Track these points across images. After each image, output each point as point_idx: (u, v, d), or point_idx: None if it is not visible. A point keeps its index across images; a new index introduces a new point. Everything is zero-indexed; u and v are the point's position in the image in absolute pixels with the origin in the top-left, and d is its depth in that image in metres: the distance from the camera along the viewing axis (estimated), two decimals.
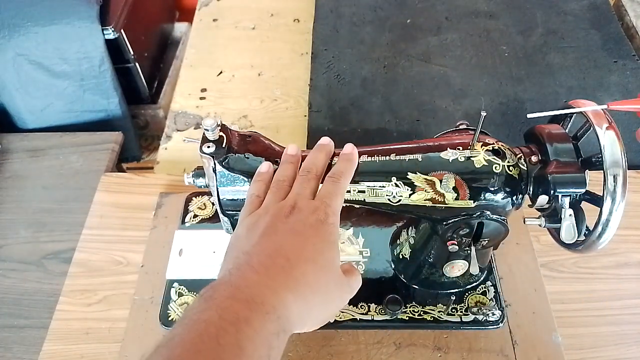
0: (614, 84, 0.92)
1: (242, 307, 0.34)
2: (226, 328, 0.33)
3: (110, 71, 1.02)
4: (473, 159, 0.48)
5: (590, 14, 1.05)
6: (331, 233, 0.43)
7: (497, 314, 0.60)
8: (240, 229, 0.45)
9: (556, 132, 0.50)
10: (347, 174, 0.48)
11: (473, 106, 0.90)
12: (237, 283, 0.37)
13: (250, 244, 0.41)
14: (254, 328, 0.34)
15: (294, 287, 0.38)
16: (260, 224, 0.43)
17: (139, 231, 0.72)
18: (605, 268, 0.69)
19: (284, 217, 0.43)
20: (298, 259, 0.39)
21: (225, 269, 0.40)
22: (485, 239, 0.53)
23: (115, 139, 0.86)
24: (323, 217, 0.43)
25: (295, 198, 0.45)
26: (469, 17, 1.06)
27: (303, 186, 0.46)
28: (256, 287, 0.37)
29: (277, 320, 0.35)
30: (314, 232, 0.42)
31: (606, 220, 0.45)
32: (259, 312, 0.35)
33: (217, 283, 0.38)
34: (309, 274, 0.39)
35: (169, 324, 0.61)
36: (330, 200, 0.44)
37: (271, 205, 0.45)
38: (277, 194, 0.46)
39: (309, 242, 0.41)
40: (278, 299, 0.36)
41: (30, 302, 0.67)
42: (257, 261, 0.39)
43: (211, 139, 0.48)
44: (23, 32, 0.96)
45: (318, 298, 0.40)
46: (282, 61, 1.01)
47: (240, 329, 0.33)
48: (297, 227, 0.42)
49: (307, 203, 0.44)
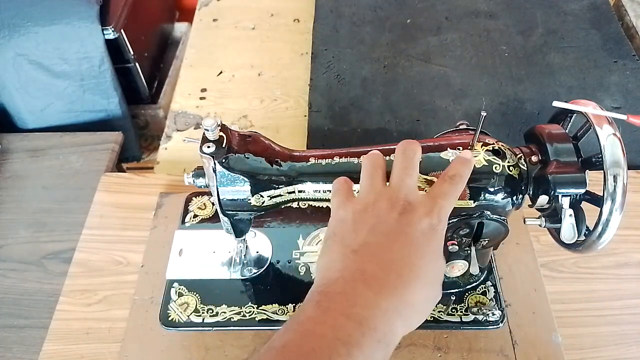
0: (614, 84, 0.92)
1: (355, 329, 0.35)
2: (339, 350, 0.33)
3: (110, 71, 1.03)
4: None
5: (590, 14, 1.05)
6: (440, 243, 0.41)
7: (497, 314, 0.60)
8: (343, 213, 0.42)
9: (556, 132, 0.50)
10: (464, 178, 0.44)
11: (473, 106, 0.90)
12: (352, 298, 0.37)
13: (358, 242, 0.40)
14: (364, 354, 0.34)
15: (404, 313, 0.38)
16: (369, 217, 0.41)
17: (139, 231, 0.72)
18: (605, 268, 0.69)
19: (396, 214, 0.40)
20: (409, 276, 0.38)
21: (332, 266, 0.40)
22: (485, 239, 0.53)
23: (115, 139, 0.86)
24: (436, 222, 0.40)
25: (404, 189, 0.42)
26: (469, 17, 1.06)
27: (407, 172, 0.43)
28: (371, 309, 0.36)
29: (385, 348, 0.36)
30: (425, 242, 0.40)
31: (606, 220, 0.45)
32: (372, 339, 0.35)
33: (330, 289, 0.38)
34: (418, 296, 0.39)
35: (169, 324, 0.61)
36: (444, 202, 0.41)
37: (377, 191, 0.42)
38: (375, 177, 0.43)
39: (420, 255, 0.39)
40: (389, 325, 0.36)
41: (30, 302, 0.67)
42: (370, 273, 0.38)
43: (211, 139, 0.48)
44: (23, 32, 0.96)
45: (421, 316, 0.40)
46: (282, 61, 1.01)
47: (351, 352, 0.34)
48: (410, 233, 0.40)
49: (420, 201, 0.41)
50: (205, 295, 0.63)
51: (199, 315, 0.61)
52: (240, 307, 0.61)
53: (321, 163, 0.51)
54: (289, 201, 0.53)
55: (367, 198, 0.42)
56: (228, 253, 0.66)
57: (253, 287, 0.64)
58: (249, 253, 0.66)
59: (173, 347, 0.60)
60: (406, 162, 0.43)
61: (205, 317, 0.61)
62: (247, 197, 0.51)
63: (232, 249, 0.66)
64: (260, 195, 0.52)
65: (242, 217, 0.56)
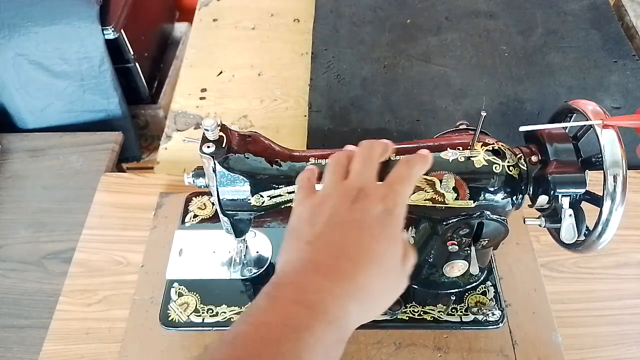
0: (614, 84, 0.92)
1: (305, 314, 0.34)
2: (288, 335, 0.33)
3: (110, 71, 1.03)
4: (473, 159, 0.48)
5: (590, 14, 1.05)
6: (397, 226, 0.40)
7: (497, 314, 0.60)
8: (302, 209, 0.42)
9: (556, 132, 0.50)
10: (421, 165, 0.44)
11: (473, 106, 0.90)
12: (302, 285, 0.36)
13: (313, 233, 0.40)
14: (315, 337, 0.33)
15: (358, 296, 0.37)
16: (324, 208, 0.41)
17: (139, 231, 0.72)
18: (605, 268, 0.69)
19: (349, 203, 0.40)
20: (363, 261, 0.38)
21: (287, 259, 0.39)
22: (485, 239, 0.53)
23: (115, 139, 0.86)
24: (391, 207, 0.40)
25: (361, 180, 0.42)
26: (469, 17, 1.06)
27: (366, 164, 0.43)
28: (321, 293, 0.36)
29: (337, 330, 0.35)
30: (380, 226, 0.39)
31: (606, 220, 0.45)
32: (322, 321, 0.34)
33: (281, 280, 0.37)
34: (373, 280, 0.38)
35: (168, 324, 0.61)
36: (400, 187, 0.41)
37: (335, 185, 0.43)
38: (337, 173, 0.44)
39: (374, 240, 0.39)
40: (342, 308, 0.36)
41: (30, 302, 0.67)
42: (322, 261, 0.38)
43: (211, 139, 0.48)
44: (23, 32, 0.96)
45: (378, 303, 0.39)
46: (282, 61, 1.01)
47: (302, 337, 0.33)
48: (363, 219, 0.39)
49: (374, 188, 0.41)
50: (205, 295, 0.63)
51: (199, 315, 0.61)
52: (240, 307, 0.61)
53: (321, 163, 0.51)
54: (289, 201, 0.53)
55: (324, 192, 0.43)
56: (228, 253, 0.66)
57: (253, 287, 0.64)
58: (249, 253, 0.66)
59: (173, 347, 0.60)
60: (365, 157, 0.44)
61: (205, 317, 0.61)
62: (247, 197, 0.51)
63: (232, 249, 0.66)
64: (260, 195, 0.52)
65: (242, 217, 0.56)
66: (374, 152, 0.45)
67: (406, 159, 0.44)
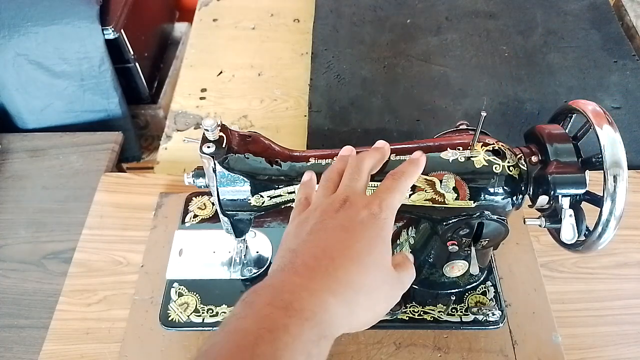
0: (614, 84, 0.92)
1: (280, 314, 0.33)
2: (263, 336, 0.32)
3: (110, 71, 1.02)
4: (473, 159, 0.48)
5: (590, 14, 1.05)
6: (382, 228, 0.40)
7: (497, 314, 0.60)
8: (290, 226, 0.43)
9: (556, 132, 0.50)
10: (410, 175, 0.45)
11: (473, 106, 0.90)
12: (278, 287, 0.36)
13: (297, 242, 0.40)
14: (292, 335, 0.32)
15: (335, 289, 0.36)
16: (310, 220, 0.41)
17: (139, 231, 0.72)
18: (605, 268, 0.69)
19: (333, 212, 0.41)
20: (343, 258, 0.38)
21: (271, 269, 0.40)
22: (485, 239, 0.53)
23: (115, 139, 0.86)
24: (377, 212, 0.40)
25: (347, 191, 0.43)
26: (469, 17, 1.06)
27: (353, 177, 0.44)
28: (296, 291, 0.35)
29: (317, 326, 0.34)
30: (362, 228, 0.39)
31: (606, 220, 0.45)
32: (298, 319, 0.33)
33: (260, 286, 0.36)
34: (352, 274, 0.37)
35: (169, 324, 0.61)
36: (386, 195, 0.42)
37: (321, 199, 0.43)
38: (327, 188, 0.45)
39: (355, 240, 0.39)
40: (318, 303, 0.35)
41: (30, 302, 0.67)
42: (301, 262, 0.38)
43: (211, 139, 0.48)
44: (23, 32, 0.96)
45: (363, 298, 0.38)
46: (282, 61, 1.01)
47: (278, 337, 0.32)
48: (346, 223, 0.40)
49: (360, 197, 0.42)
50: (205, 295, 0.63)
51: (199, 315, 0.61)
52: None
53: (321, 163, 0.51)
54: (289, 201, 0.53)
55: (311, 207, 0.44)
56: (228, 253, 0.66)
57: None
58: (249, 253, 0.66)
59: (173, 347, 0.60)
60: (353, 170, 0.45)
61: (205, 317, 0.61)
62: (247, 197, 0.51)
63: (232, 249, 0.66)
64: (260, 195, 0.52)
65: (242, 217, 0.56)
66: (364, 165, 0.46)
67: (392, 172, 0.45)
